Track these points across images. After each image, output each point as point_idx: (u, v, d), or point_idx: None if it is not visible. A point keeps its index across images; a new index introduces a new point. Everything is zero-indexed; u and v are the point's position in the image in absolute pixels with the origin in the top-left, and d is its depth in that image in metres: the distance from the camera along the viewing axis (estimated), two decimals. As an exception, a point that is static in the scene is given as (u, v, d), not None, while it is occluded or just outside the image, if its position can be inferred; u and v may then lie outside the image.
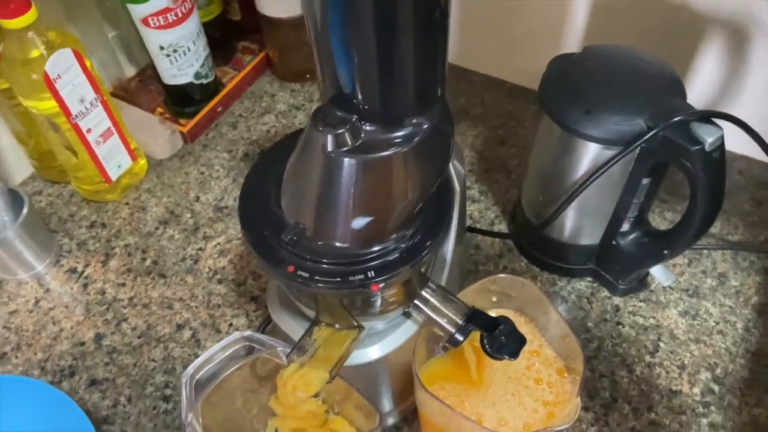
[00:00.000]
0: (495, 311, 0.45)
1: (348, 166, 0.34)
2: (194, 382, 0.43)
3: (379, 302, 0.42)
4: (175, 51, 0.69)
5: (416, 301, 0.43)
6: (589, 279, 0.61)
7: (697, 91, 0.66)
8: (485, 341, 0.40)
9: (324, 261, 0.37)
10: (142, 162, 0.72)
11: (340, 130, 0.33)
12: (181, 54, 0.69)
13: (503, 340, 0.40)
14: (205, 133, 0.76)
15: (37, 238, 0.62)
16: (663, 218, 0.65)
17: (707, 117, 0.45)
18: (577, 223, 0.56)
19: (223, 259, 0.64)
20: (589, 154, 0.49)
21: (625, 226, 0.54)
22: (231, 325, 0.59)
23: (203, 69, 0.73)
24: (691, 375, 0.54)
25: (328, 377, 0.41)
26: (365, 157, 0.34)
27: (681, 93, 0.48)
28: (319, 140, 0.34)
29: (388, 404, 0.51)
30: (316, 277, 0.36)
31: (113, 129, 0.65)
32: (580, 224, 0.56)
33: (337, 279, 0.36)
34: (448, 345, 0.43)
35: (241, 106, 0.79)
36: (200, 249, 0.65)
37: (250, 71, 0.80)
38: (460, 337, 0.42)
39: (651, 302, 0.59)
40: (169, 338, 0.59)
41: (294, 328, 0.46)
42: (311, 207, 0.37)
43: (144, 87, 0.78)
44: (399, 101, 0.34)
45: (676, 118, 0.44)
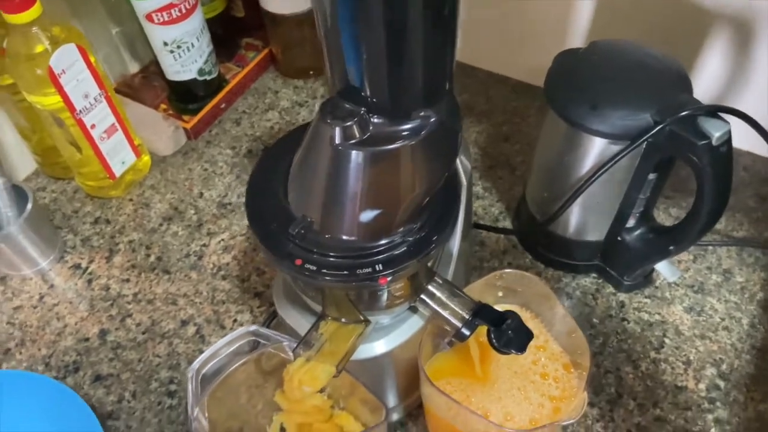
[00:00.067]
0: (500, 306, 0.44)
1: (356, 158, 0.34)
2: (200, 377, 0.43)
3: (386, 296, 0.42)
4: (179, 47, 0.69)
5: (423, 296, 0.43)
6: (593, 275, 0.61)
7: (701, 86, 0.66)
8: (492, 336, 0.40)
9: (331, 254, 0.37)
10: (146, 158, 0.72)
11: (348, 123, 0.33)
12: (185, 50, 0.69)
13: (510, 334, 0.40)
14: (209, 129, 0.76)
15: (42, 234, 0.62)
16: (668, 214, 0.65)
17: (714, 111, 0.45)
18: (582, 219, 0.56)
19: (227, 256, 0.64)
20: (595, 149, 0.49)
21: (630, 222, 0.54)
22: (235, 321, 0.59)
23: (207, 65, 0.73)
24: (696, 371, 0.54)
25: (335, 371, 0.41)
26: (373, 150, 0.34)
27: (687, 88, 0.48)
28: (327, 133, 0.34)
29: (393, 399, 0.51)
30: (324, 271, 0.36)
31: (117, 125, 0.65)
32: (585, 220, 0.56)
33: (345, 272, 0.36)
34: (454, 340, 0.43)
35: (245, 102, 0.79)
36: (204, 245, 0.65)
37: (253, 68, 0.80)
38: (466, 332, 0.42)
39: (656, 298, 0.59)
40: (174, 334, 0.59)
41: (300, 322, 0.46)
42: (319, 200, 0.37)
43: (147, 83, 0.78)
44: (407, 94, 0.33)
45: (683, 113, 0.44)
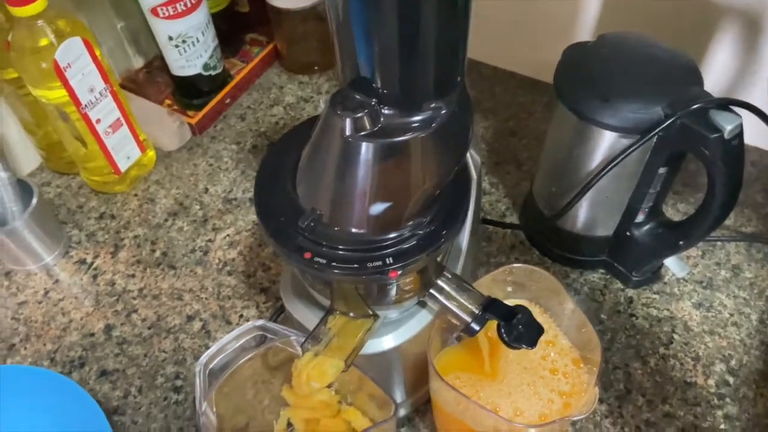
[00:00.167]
0: (509, 301, 0.44)
1: (366, 150, 0.34)
2: (207, 372, 0.43)
3: (395, 290, 0.41)
4: (184, 41, 0.68)
5: (432, 290, 0.42)
6: (601, 271, 0.60)
7: (709, 80, 0.66)
8: (503, 330, 0.40)
9: (340, 247, 0.37)
10: (151, 153, 0.71)
11: (359, 114, 0.33)
12: (190, 45, 0.69)
13: (521, 329, 0.40)
14: (214, 125, 0.76)
15: (46, 229, 0.62)
16: (676, 210, 0.64)
17: (725, 105, 0.44)
18: (590, 215, 0.55)
19: (233, 251, 0.64)
20: (605, 143, 0.48)
21: (639, 217, 0.54)
22: (241, 316, 0.59)
23: (212, 60, 0.72)
24: (705, 367, 0.54)
25: (344, 366, 0.40)
26: (384, 142, 0.34)
27: (698, 81, 0.47)
28: (337, 124, 0.33)
29: (400, 395, 0.51)
30: (333, 264, 0.36)
31: (122, 120, 0.65)
32: (594, 215, 0.55)
33: (355, 265, 0.36)
34: (463, 334, 0.43)
35: (249, 98, 0.79)
36: (210, 241, 0.65)
37: (258, 63, 0.80)
38: (476, 327, 0.41)
39: (665, 294, 0.58)
40: (180, 329, 0.58)
41: (308, 317, 0.46)
42: (328, 192, 0.36)
43: (152, 79, 0.78)
44: (419, 85, 0.33)
45: (695, 106, 0.44)
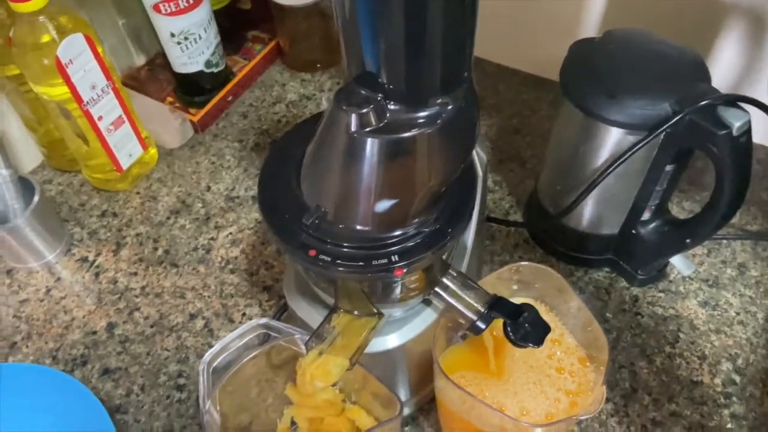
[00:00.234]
0: (515, 299, 0.44)
1: (372, 146, 0.33)
2: (211, 370, 0.43)
3: (400, 289, 0.41)
4: (186, 38, 0.68)
5: (437, 289, 0.42)
6: (606, 269, 0.60)
7: (716, 77, 0.65)
8: (509, 329, 0.40)
9: (345, 245, 0.36)
10: (153, 151, 0.71)
11: (365, 110, 0.32)
12: (192, 42, 0.69)
13: (527, 327, 0.40)
14: (216, 122, 0.76)
15: (48, 226, 0.61)
16: (681, 208, 0.64)
17: (733, 101, 0.44)
18: (596, 212, 0.55)
19: (236, 249, 0.64)
20: (612, 139, 0.48)
21: (645, 215, 0.53)
22: (244, 314, 0.59)
23: (214, 57, 0.72)
24: (711, 366, 0.54)
25: (348, 365, 0.40)
26: (390, 138, 0.33)
27: (706, 77, 0.47)
28: (342, 120, 0.33)
29: (404, 394, 0.51)
30: (338, 261, 0.35)
31: (124, 117, 0.64)
32: (600, 213, 0.55)
33: (360, 263, 0.35)
34: (469, 333, 0.43)
35: (252, 95, 0.78)
36: (212, 239, 0.65)
37: (260, 60, 0.80)
38: (482, 325, 0.41)
39: (670, 292, 0.58)
40: (182, 327, 0.58)
41: (312, 315, 0.45)
42: (333, 189, 0.36)
43: (153, 76, 0.78)
44: (425, 80, 0.33)
45: (703, 102, 0.43)
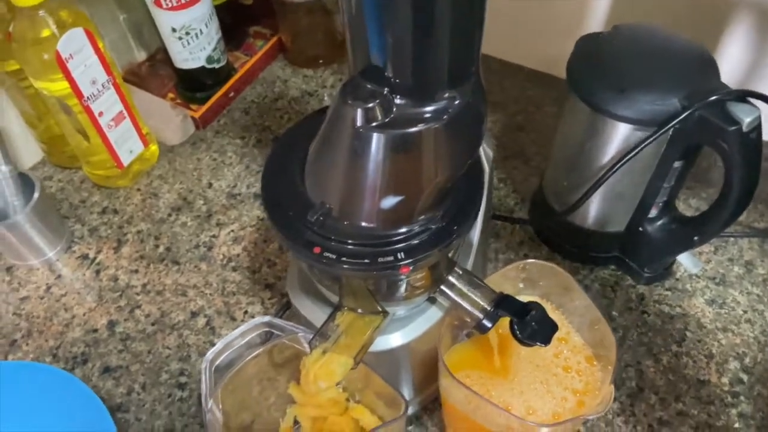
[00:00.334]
0: (521, 298, 0.43)
1: (378, 141, 0.33)
2: (213, 369, 0.42)
3: (405, 287, 0.40)
4: (187, 33, 0.67)
5: (443, 287, 0.41)
6: (612, 267, 0.59)
7: (723, 73, 0.64)
8: (516, 327, 0.39)
9: (350, 242, 0.36)
10: (154, 148, 0.70)
11: (371, 104, 0.32)
12: (194, 37, 0.68)
13: (534, 326, 0.39)
14: (217, 119, 0.75)
15: (48, 223, 0.61)
16: (687, 205, 0.63)
17: (743, 97, 0.43)
18: (602, 210, 0.54)
19: (237, 247, 0.63)
20: (619, 135, 0.47)
21: (653, 212, 0.53)
22: (246, 312, 0.58)
23: (215, 53, 0.71)
24: (719, 364, 0.53)
25: (353, 364, 0.39)
26: (396, 133, 0.32)
27: (715, 72, 0.46)
28: (348, 114, 0.32)
29: (408, 393, 0.50)
30: (343, 259, 0.35)
31: (125, 113, 0.64)
32: (606, 210, 0.54)
33: (366, 260, 0.35)
34: (474, 331, 0.42)
35: (253, 91, 0.78)
36: (214, 236, 0.64)
37: (262, 56, 0.79)
38: (488, 324, 0.40)
39: (677, 291, 0.57)
40: (184, 325, 0.57)
41: (315, 313, 0.45)
42: (338, 185, 0.35)
43: (154, 72, 0.77)
44: (433, 74, 0.32)
45: (713, 98, 0.43)
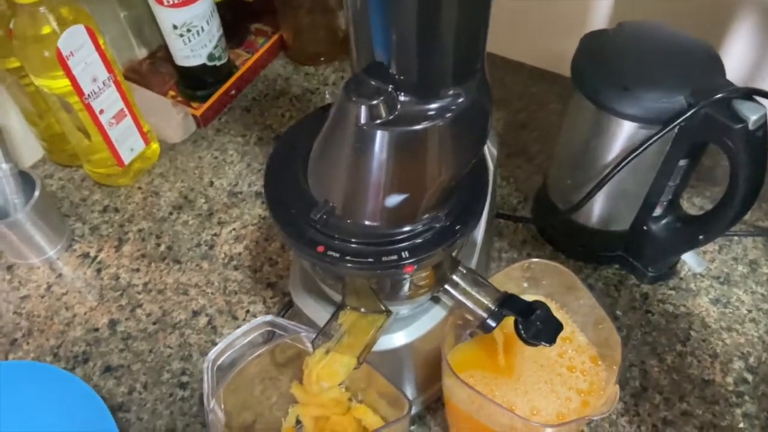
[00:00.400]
0: (525, 297, 0.43)
1: (382, 139, 0.32)
2: (215, 368, 0.42)
3: (409, 286, 0.40)
4: (188, 30, 0.67)
5: (447, 286, 0.41)
6: (616, 266, 0.59)
7: (728, 70, 0.64)
8: (521, 327, 0.39)
9: (353, 241, 0.35)
10: (155, 146, 0.70)
11: (375, 101, 0.31)
12: (195, 34, 0.68)
13: (539, 325, 0.39)
14: (218, 117, 0.75)
15: (49, 221, 0.61)
16: (691, 204, 0.63)
17: (749, 94, 0.43)
18: (606, 208, 0.54)
19: (239, 245, 0.63)
20: (624, 133, 0.47)
21: (657, 211, 0.52)
22: (248, 311, 0.58)
23: (216, 50, 0.71)
24: (723, 364, 0.53)
25: (356, 363, 0.39)
26: (401, 130, 0.32)
27: (720, 70, 0.46)
28: (351, 112, 0.32)
29: (411, 392, 0.50)
30: (347, 258, 0.35)
31: (126, 110, 0.63)
32: (610, 209, 0.54)
33: (369, 260, 0.35)
34: (478, 331, 0.42)
35: (255, 89, 0.77)
36: (215, 235, 0.64)
37: (263, 54, 0.79)
38: (492, 323, 0.40)
39: (681, 290, 0.57)
40: (185, 325, 0.57)
41: (318, 312, 0.44)
42: (342, 183, 0.35)
43: (155, 69, 0.77)
44: (437, 70, 0.32)
45: (719, 95, 0.42)
